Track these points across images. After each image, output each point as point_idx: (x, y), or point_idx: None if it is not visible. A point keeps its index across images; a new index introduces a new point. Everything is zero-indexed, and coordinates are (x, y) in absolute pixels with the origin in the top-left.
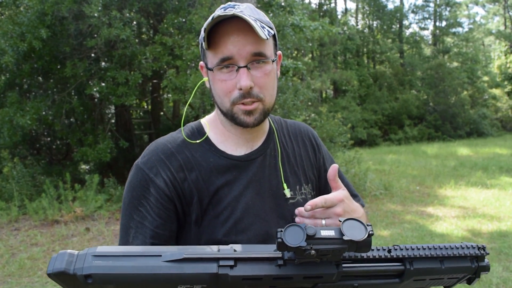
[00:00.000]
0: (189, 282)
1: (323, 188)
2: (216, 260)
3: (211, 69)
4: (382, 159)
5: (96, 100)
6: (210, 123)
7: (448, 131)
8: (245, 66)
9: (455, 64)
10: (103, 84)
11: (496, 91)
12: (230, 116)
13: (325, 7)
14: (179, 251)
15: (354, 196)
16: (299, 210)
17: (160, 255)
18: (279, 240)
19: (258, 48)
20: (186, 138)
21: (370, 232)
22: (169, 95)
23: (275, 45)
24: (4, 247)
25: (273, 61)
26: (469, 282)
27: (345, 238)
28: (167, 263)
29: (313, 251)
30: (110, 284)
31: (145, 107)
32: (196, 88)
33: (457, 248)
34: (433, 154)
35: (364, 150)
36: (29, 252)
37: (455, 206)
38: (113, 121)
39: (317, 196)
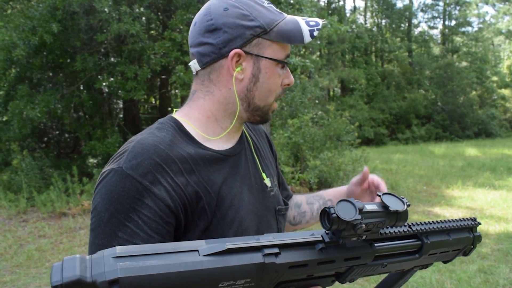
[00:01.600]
0: (233, 277)
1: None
2: (260, 248)
3: (277, 61)
4: (389, 159)
5: (105, 94)
6: (189, 119)
7: (456, 131)
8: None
9: (464, 63)
10: (112, 78)
11: (505, 92)
12: (262, 112)
13: (333, 5)
14: (217, 243)
15: (286, 186)
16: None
17: (197, 250)
18: (334, 215)
19: None
20: (174, 133)
21: (407, 203)
22: (177, 91)
23: None
24: (12, 238)
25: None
26: (465, 254)
27: (390, 209)
28: (208, 257)
29: (363, 225)
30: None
31: (153, 102)
32: (233, 78)
33: (457, 221)
34: (441, 154)
35: (371, 149)
36: (37, 243)
37: (462, 206)
38: (121, 115)
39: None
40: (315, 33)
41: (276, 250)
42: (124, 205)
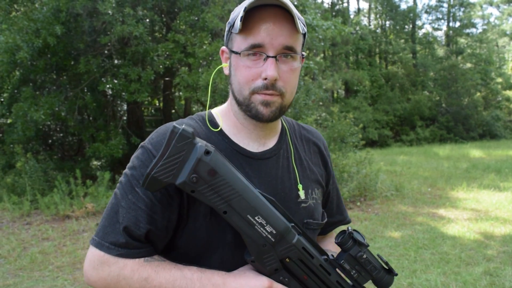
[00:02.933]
0: (268, 219)
1: (324, 199)
2: (291, 221)
3: (237, 53)
4: (394, 160)
5: (108, 96)
6: (222, 114)
7: (460, 133)
8: (274, 57)
9: (469, 65)
10: (115, 80)
11: (510, 93)
12: (245, 106)
13: (337, 6)
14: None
15: (344, 211)
16: None
17: (255, 187)
18: (350, 231)
19: (290, 42)
20: (201, 124)
21: (395, 273)
22: (181, 93)
23: (303, 44)
24: (16, 241)
25: (302, 58)
26: None
27: (385, 267)
28: (261, 195)
29: (365, 255)
30: (217, 170)
31: (157, 104)
32: (211, 78)
33: None
34: (445, 155)
35: (375, 151)
36: (40, 246)
37: (467, 208)
38: (125, 118)
39: (324, 203)
40: (241, 14)
41: (300, 230)
42: (138, 172)
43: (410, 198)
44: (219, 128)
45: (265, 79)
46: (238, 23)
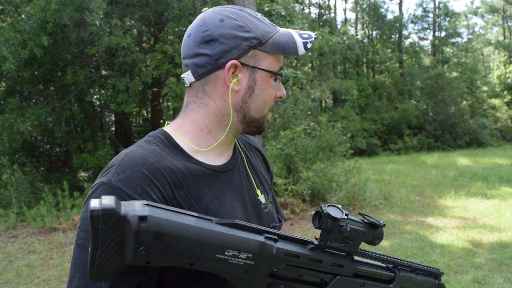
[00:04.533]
0: (238, 247)
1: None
2: (262, 232)
3: (276, 74)
4: (382, 169)
5: (96, 107)
6: (180, 132)
7: (447, 141)
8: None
9: (455, 74)
10: (103, 91)
11: (496, 101)
12: (257, 123)
13: (324, 17)
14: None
15: (280, 210)
16: None
17: (211, 219)
18: (325, 211)
19: None
20: (161, 148)
21: (383, 224)
22: (169, 103)
23: None
24: (1, 254)
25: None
26: None
27: (368, 221)
28: (220, 225)
29: (348, 227)
30: (163, 231)
31: (145, 115)
32: (230, 90)
33: (426, 266)
34: (433, 164)
35: (363, 160)
36: (26, 259)
37: (455, 216)
38: (113, 128)
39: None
40: (309, 45)
41: (275, 237)
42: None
43: (399, 207)
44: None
45: (280, 97)
46: (300, 51)
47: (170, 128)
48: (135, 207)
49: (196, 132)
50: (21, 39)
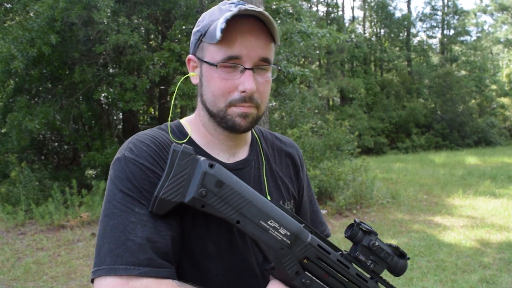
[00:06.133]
0: (281, 221)
1: (296, 210)
2: (301, 222)
3: (212, 64)
4: (389, 168)
5: (104, 105)
6: (191, 124)
7: (455, 140)
8: (251, 69)
9: (463, 72)
10: (111, 89)
11: (505, 100)
12: (220, 118)
13: (332, 15)
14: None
15: (321, 224)
16: None
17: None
18: (358, 222)
19: (266, 53)
20: (171, 135)
21: (407, 258)
22: (177, 102)
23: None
24: (10, 251)
25: (279, 70)
26: None
27: (397, 253)
28: (269, 201)
29: (376, 243)
30: (224, 181)
31: (152, 113)
32: (179, 83)
33: None
34: (441, 163)
35: (371, 158)
36: (34, 256)
37: (463, 215)
38: (120, 126)
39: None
40: (223, 25)
41: (311, 230)
42: (134, 184)
43: (406, 206)
44: (188, 137)
45: (243, 91)
46: (217, 34)
47: (184, 120)
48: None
49: (197, 123)
50: (29, 37)
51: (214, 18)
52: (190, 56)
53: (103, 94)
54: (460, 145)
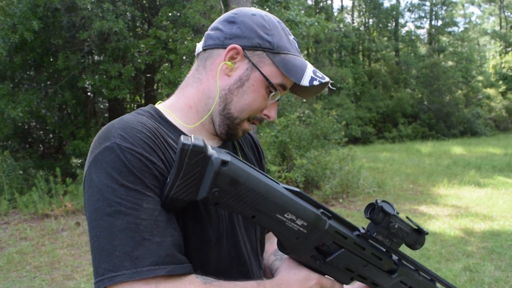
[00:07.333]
0: (297, 213)
1: None
2: (319, 207)
3: (269, 82)
4: (376, 157)
5: (89, 93)
6: (171, 109)
7: (442, 130)
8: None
9: (450, 63)
10: (96, 77)
11: (491, 91)
12: (233, 124)
13: (321, 4)
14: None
15: None
16: None
17: (278, 183)
18: (379, 205)
19: None
20: (153, 121)
21: (426, 231)
22: (163, 90)
23: None
24: None
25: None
26: None
27: (415, 227)
28: (286, 190)
29: (396, 225)
30: (239, 179)
31: (139, 101)
32: (219, 67)
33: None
34: (427, 152)
35: (358, 148)
36: (18, 246)
37: (448, 205)
38: (106, 115)
39: None
40: (315, 83)
41: (329, 214)
42: (136, 176)
43: (392, 195)
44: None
45: (267, 116)
46: (305, 81)
47: (161, 106)
48: (220, 152)
49: (185, 109)
50: (11, 23)
51: (287, 47)
52: (238, 46)
53: (87, 82)
54: (446, 135)
